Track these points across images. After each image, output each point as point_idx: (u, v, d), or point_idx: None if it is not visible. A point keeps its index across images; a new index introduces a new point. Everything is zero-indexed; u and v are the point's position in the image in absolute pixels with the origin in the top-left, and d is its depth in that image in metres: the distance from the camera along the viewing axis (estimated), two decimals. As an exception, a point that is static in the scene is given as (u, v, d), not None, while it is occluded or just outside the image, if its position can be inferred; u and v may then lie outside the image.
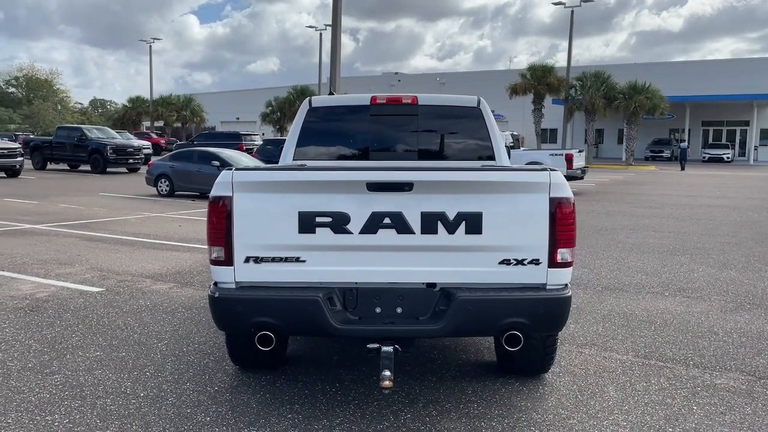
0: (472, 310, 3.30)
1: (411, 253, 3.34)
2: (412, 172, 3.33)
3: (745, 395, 4.05)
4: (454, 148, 5.18)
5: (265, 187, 3.33)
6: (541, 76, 39.68)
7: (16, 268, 7.57)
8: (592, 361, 4.63)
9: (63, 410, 3.65)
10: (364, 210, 3.28)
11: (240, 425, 3.49)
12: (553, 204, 3.30)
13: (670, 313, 5.97)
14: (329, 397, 3.90)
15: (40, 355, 4.57)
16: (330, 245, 3.32)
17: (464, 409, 3.75)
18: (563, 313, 3.40)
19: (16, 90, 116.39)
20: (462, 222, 3.29)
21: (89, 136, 26.76)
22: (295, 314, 3.30)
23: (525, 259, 3.34)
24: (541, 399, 3.94)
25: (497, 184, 3.31)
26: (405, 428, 3.50)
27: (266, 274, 3.36)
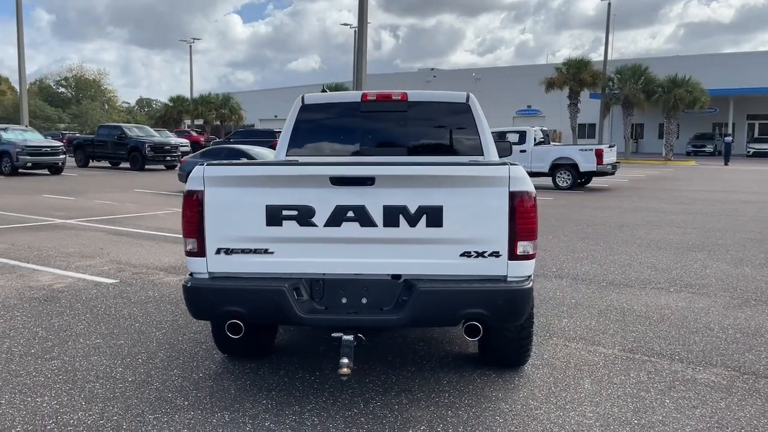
0: (431, 301, 3.38)
1: (374, 246, 3.44)
2: (374, 167, 3.44)
3: (723, 390, 4.03)
4: (443, 144, 5.25)
5: (235, 182, 3.48)
6: (577, 70, 39.11)
7: (41, 261, 7.93)
8: (576, 355, 4.66)
9: (53, 393, 3.87)
10: (329, 203, 3.40)
11: (215, 409, 3.66)
12: (512, 198, 3.36)
13: (669, 309, 5.93)
14: (307, 384, 4.04)
15: (43, 341, 4.83)
16: (296, 237, 3.45)
17: (435, 398, 3.84)
18: (523, 304, 3.46)
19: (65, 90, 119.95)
20: (423, 215, 3.38)
21: (129, 135, 27.55)
22: (262, 304, 3.44)
23: (485, 251, 3.41)
24: (513, 390, 4.00)
25: (457, 178, 3.39)
26: (372, 415, 3.61)
27: (237, 265, 3.51)
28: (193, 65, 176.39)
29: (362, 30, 17.60)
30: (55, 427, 3.42)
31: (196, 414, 3.59)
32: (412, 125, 5.22)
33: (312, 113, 5.30)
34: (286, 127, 5.31)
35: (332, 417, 3.58)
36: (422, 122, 5.24)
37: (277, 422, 3.50)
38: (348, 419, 3.55)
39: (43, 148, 23.63)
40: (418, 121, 5.23)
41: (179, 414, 3.59)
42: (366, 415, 3.60)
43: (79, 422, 3.48)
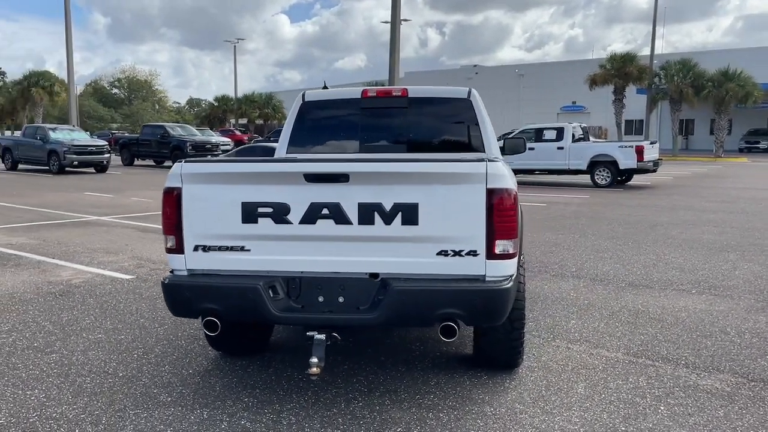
0: (405, 300, 3.31)
1: (350, 243, 3.39)
2: (348, 164, 3.38)
3: (724, 398, 3.84)
4: (443, 140, 5.15)
5: (211, 179, 3.48)
6: (622, 65, 38.13)
7: (66, 256, 8.14)
8: (576, 358, 4.51)
9: (44, 386, 3.95)
10: (303, 200, 3.36)
11: (195, 406, 3.67)
12: (490, 195, 3.26)
13: (686, 311, 5.70)
14: (292, 383, 4.02)
15: (48, 335, 4.94)
16: (272, 235, 3.42)
17: (419, 400, 3.77)
18: (500, 305, 3.35)
19: (118, 91, 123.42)
20: (398, 213, 3.31)
21: (171, 134, 28.14)
22: (237, 301, 3.43)
23: (462, 250, 3.32)
24: (502, 393, 3.89)
25: (432, 175, 3.30)
26: (351, 416, 3.56)
27: (214, 262, 3.51)
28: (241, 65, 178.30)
29: (395, 28, 17.52)
30: (38, 420, 3.48)
31: (176, 410, 3.61)
32: (412, 121, 5.14)
33: (313, 110, 5.28)
34: (287, 124, 5.31)
35: (310, 416, 3.54)
36: (423, 118, 5.15)
37: (253, 421, 3.48)
38: (325, 419, 3.51)
39: (89, 147, 24.34)
40: (418, 117, 5.14)
41: (160, 410, 3.61)
42: (344, 416, 3.56)
43: (61, 416, 3.53)
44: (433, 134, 5.17)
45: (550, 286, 6.66)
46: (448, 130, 5.17)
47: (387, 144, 5.10)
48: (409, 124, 5.14)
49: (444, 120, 5.15)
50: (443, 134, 5.18)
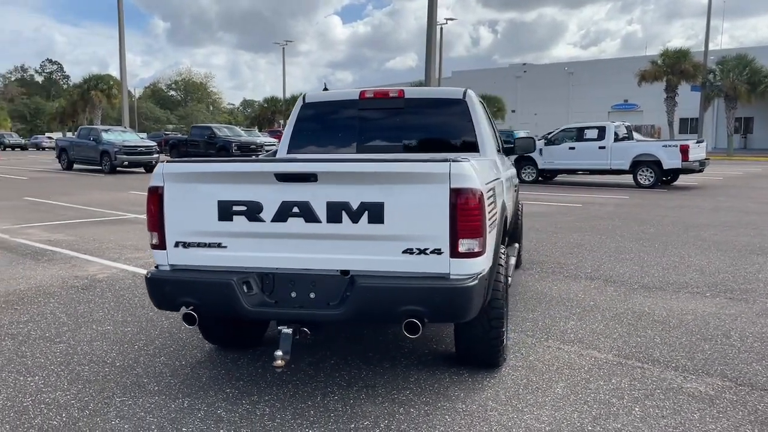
0: (370, 297, 3.39)
1: (320, 241, 3.49)
2: (316, 164, 3.49)
3: (705, 401, 3.79)
4: (439, 140, 5.20)
5: (190, 178, 3.64)
6: (675, 61, 37.06)
7: (97, 252, 8.51)
8: (564, 358, 4.50)
9: (44, 374, 4.19)
10: (275, 199, 3.48)
11: (179, 395, 3.84)
12: (453, 195, 3.31)
13: (693, 314, 5.59)
14: (276, 376, 4.15)
15: (61, 326, 5.22)
16: (246, 232, 3.56)
17: (394, 395, 3.85)
18: (463, 302, 3.39)
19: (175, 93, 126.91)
20: (365, 211, 3.39)
21: (218, 134, 28.86)
22: (212, 296, 3.58)
23: (427, 248, 3.38)
24: (479, 390, 3.93)
25: (397, 174, 3.37)
26: (323, 408, 3.67)
27: (193, 258, 3.67)
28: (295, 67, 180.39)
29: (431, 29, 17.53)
30: (31, 404, 3.71)
31: (159, 399, 3.79)
32: (408, 122, 5.21)
33: (312, 111, 5.40)
34: (287, 126, 5.45)
35: (284, 408, 3.66)
36: (418, 119, 5.21)
37: (229, 411, 3.63)
38: (297, 411, 3.63)
39: (139, 148, 25.21)
40: (414, 118, 5.20)
41: (145, 398, 3.80)
42: (317, 408, 3.66)
43: (53, 401, 3.75)
44: (428, 135, 5.23)
45: (559, 287, 6.62)
46: (444, 130, 5.22)
47: (383, 144, 5.18)
48: (405, 124, 5.21)
49: (439, 120, 5.20)
50: (438, 135, 5.22)
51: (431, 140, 5.19)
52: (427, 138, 5.21)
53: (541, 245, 9.21)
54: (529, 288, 6.58)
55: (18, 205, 14.30)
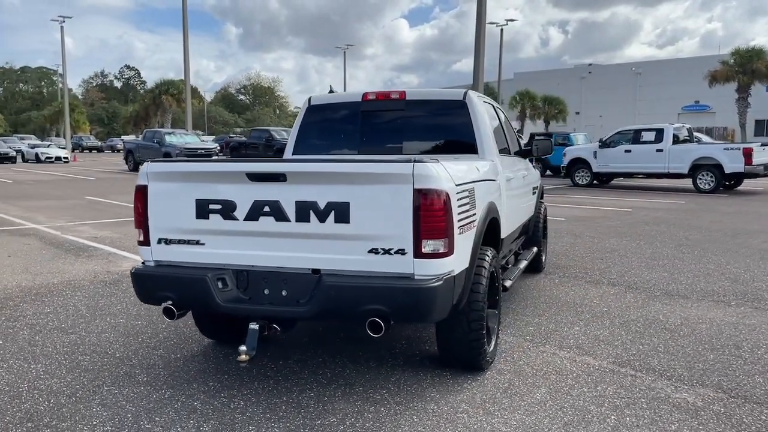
0: (334, 295, 3.44)
1: (290, 240, 3.56)
2: (285, 164, 3.56)
3: (689, 412, 3.64)
4: (438, 141, 5.18)
5: (171, 177, 3.78)
6: (746, 61, 35.39)
7: (135, 250, 8.86)
8: (555, 363, 4.42)
9: (48, 362, 4.43)
10: (247, 198, 3.58)
11: (163, 387, 3.98)
12: (417, 195, 3.32)
13: (708, 323, 5.37)
14: (261, 371, 4.24)
15: (78, 318, 5.49)
16: (221, 230, 3.67)
17: (371, 394, 3.87)
18: (426, 303, 3.38)
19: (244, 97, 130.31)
20: (331, 211, 3.44)
21: (275, 137, 29.47)
22: (188, 291, 3.70)
23: (392, 248, 3.39)
24: (456, 392, 3.90)
25: (362, 175, 3.41)
26: (296, 404, 3.73)
27: (174, 254, 3.81)
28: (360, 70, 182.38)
29: (480, 31, 17.37)
30: (26, 390, 3.93)
31: (144, 389, 3.94)
32: (409, 124, 5.22)
33: (318, 114, 5.49)
34: (294, 127, 5.56)
35: (258, 402, 3.75)
36: (419, 120, 5.21)
37: (205, 403, 3.74)
38: (270, 405, 3.71)
39: (199, 150, 26.10)
40: (415, 120, 5.21)
41: (130, 388, 3.96)
42: (289, 404, 3.73)
43: (46, 387, 3.97)
44: (428, 136, 5.22)
45: (576, 292, 6.48)
46: (443, 131, 5.20)
47: (384, 146, 5.21)
48: (406, 126, 5.22)
49: (439, 122, 5.19)
50: (438, 136, 5.21)
51: (431, 141, 5.19)
52: (427, 139, 5.21)
53: (572, 250, 9.01)
54: (545, 292, 6.47)
55: (78, 204, 15.06)
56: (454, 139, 5.10)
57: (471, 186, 3.85)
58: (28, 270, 7.53)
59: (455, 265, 3.55)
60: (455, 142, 5.09)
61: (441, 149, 5.12)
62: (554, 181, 23.41)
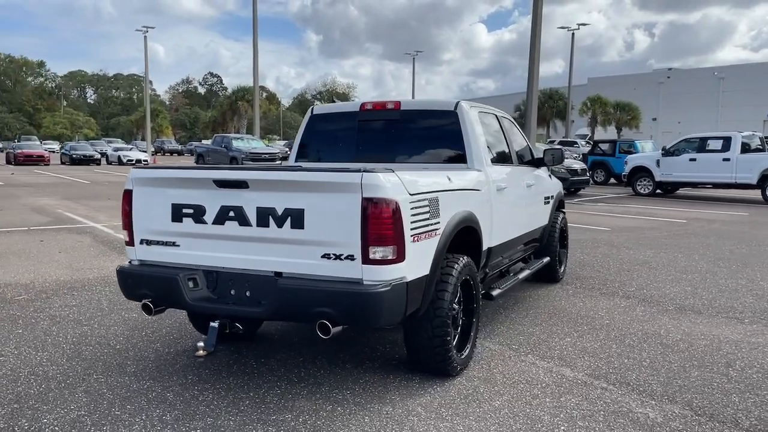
0: (286, 297, 3.62)
1: (252, 244, 3.77)
2: (246, 172, 3.77)
3: (645, 427, 3.61)
4: (429, 152, 5.27)
5: (151, 183, 4.06)
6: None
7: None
8: (529, 373, 4.43)
9: (54, 350, 4.81)
10: (215, 204, 3.81)
11: (145, 377, 4.26)
12: (365, 203, 3.45)
13: (710, 340, 5.22)
14: (239, 367, 4.46)
15: (96, 312, 5.89)
16: (193, 233, 3.92)
17: (334, 394, 4.01)
18: (372, 308, 3.50)
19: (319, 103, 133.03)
20: (288, 217, 3.63)
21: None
22: (162, 289, 3.97)
23: (342, 254, 3.54)
24: (416, 396, 3.99)
25: (315, 183, 3.57)
26: (260, 400, 3.91)
27: (154, 254, 4.09)
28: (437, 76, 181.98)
29: (535, 35, 17.15)
30: (24, 375, 4.30)
31: (128, 379, 4.23)
32: (403, 133, 5.34)
33: (319, 123, 5.70)
34: (297, 136, 5.80)
35: (226, 396, 3.97)
36: (412, 130, 5.32)
37: (178, 394, 3.99)
38: (236, 400, 3.91)
39: (263, 155, 26.95)
40: (408, 129, 5.33)
41: (116, 377, 4.26)
42: (254, 399, 3.93)
43: (43, 373, 4.33)
44: (420, 145, 5.32)
45: (585, 303, 6.41)
46: (435, 141, 5.29)
47: (378, 155, 5.35)
48: (400, 135, 5.35)
49: (431, 131, 5.28)
50: (430, 145, 5.30)
51: (423, 151, 5.29)
52: (420, 148, 5.31)
53: (602, 261, 8.85)
54: (551, 302, 6.43)
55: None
56: (445, 149, 5.19)
57: (433, 195, 3.94)
58: (72, 266, 8.09)
59: (407, 271, 3.65)
60: (446, 152, 5.18)
61: (432, 158, 5.22)
62: (615, 190, 22.79)
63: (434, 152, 5.25)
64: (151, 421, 3.60)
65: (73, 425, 3.55)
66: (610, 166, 25.28)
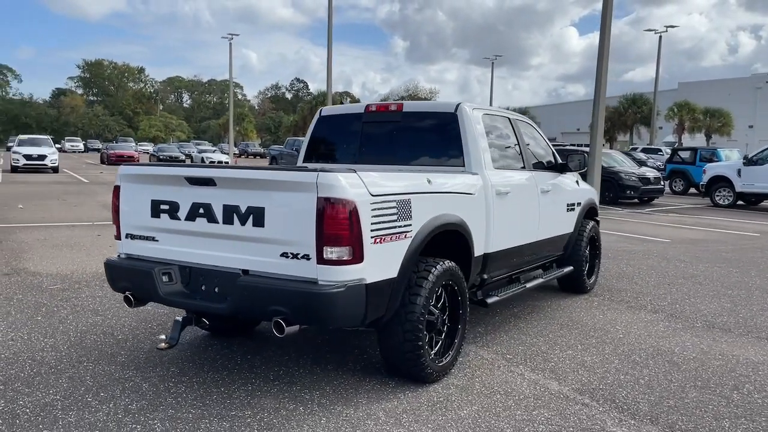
0: (245, 295, 3.64)
1: (220, 241, 3.82)
2: (213, 170, 3.83)
3: (610, 447, 3.41)
4: (428, 153, 5.17)
5: (135, 179, 4.20)
6: None
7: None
8: (511, 383, 4.27)
9: (59, 337, 5.04)
10: (188, 200, 3.90)
11: (131, 367, 4.39)
12: (320, 203, 3.44)
13: (726, 360, 4.88)
14: (223, 362, 4.53)
15: (114, 303, 6.13)
16: (169, 228, 4.02)
17: (302, 394, 4.00)
18: (324, 308, 3.46)
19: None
20: (250, 215, 3.66)
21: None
22: (138, 282, 4.09)
23: (299, 253, 3.54)
24: (382, 401, 3.93)
25: (275, 182, 3.59)
26: (228, 396, 3.95)
27: (137, 249, 4.23)
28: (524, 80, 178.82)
29: (604, 37, 16.49)
30: (24, 358, 4.53)
31: (114, 368, 4.38)
32: (404, 135, 5.27)
33: (326, 124, 5.73)
34: (306, 136, 5.84)
35: (197, 390, 4.03)
36: (413, 132, 5.24)
37: (153, 385, 4.09)
38: (205, 394, 3.97)
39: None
40: (409, 131, 5.25)
41: (103, 366, 4.41)
42: (221, 394, 3.98)
43: (40, 359, 4.54)
44: (420, 147, 5.23)
45: (606, 316, 6.12)
46: (434, 143, 5.18)
47: (379, 156, 5.32)
48: (401, 137, 5.29)
49: (431, 133, 5.18)
50: (430, 147, 5.20)
51: (423, 152, 5.21)
52: (420, 150, 5.23)
53: (644, 273, 8.43)
54: (567, 313, 6.17)
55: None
56: (444, 151, 5.09)
57: (403, 197, 3.87)
58: (114, 259, 8.48)
59: (367, 273, 3.60)
60: (445, 154, 5.07)
61: (431, 160, 5.13)
62: (693, 201, 21.65)
63: (434, 154, 5.16)
64: (117, 409, 3.72)
65: (43, 408, 3.71)
66: (689, 175, 24.06)
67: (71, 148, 66.87)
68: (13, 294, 6.42)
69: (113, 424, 3.53)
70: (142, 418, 3.62)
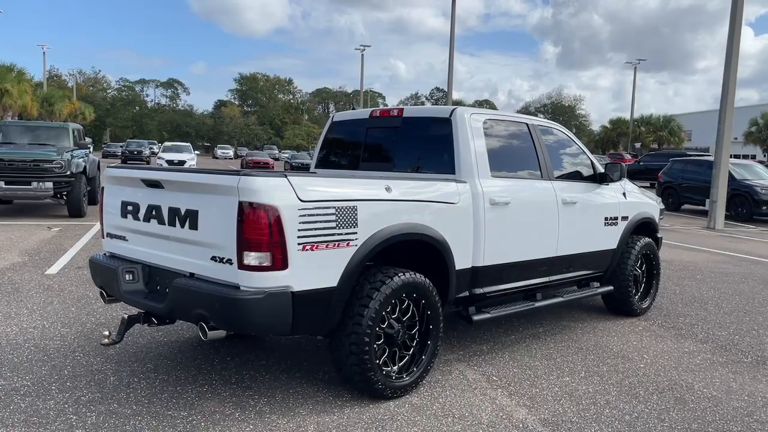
0: (176, 297, 3.67)
1: (167, 242, 3.89)
2: (159, 173, 3.90)
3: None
4: (425, 159, 4.92)
5: (112, 181, 4.38)
6: None
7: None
8: (473, 408, 3.96)
9: (58, 326, 5.32)
10: (145, 202, 4.01)
11: (113, 360, 4.57)
12: (241, 207, 3.39)
13: (752, 401, 4.24)
14: (206, 365, 4.59)
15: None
16: (134, 229, 4.16)
17: (251, 400, 3.96)
18: (241, 314, 3.39)
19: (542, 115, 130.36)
20: (188, 218, 3.69)
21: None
22: (105, 280, 4.26)
23: (224, 257, 3.51)
24: (329, 413, 3.79)
25: (202, 185, 3.59)
26: (179, 397, 4.02)
27: (114, 247, 4.41)
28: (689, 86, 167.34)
29: (734, 34, 14.90)
30: (21, 342, 4.85)
31: (97, 360, 4.58)
32: (403, 140, 5.09)
33: (336, 130, 5.68)
34: (318, 143, 5.83)
35: (149, 387, 4.11)
36: (411, 137, 5.04)
37: (122, 379, 4.24)
38: (157, 392, 4.03)
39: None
40: (408, 136, 5.06)
41: (90, 357, 4.62)
42: (172, 393, 4.02)
43: (36, 345, 4.84)
44: (416, 152, 5.00)
45: (640, 343, 5.53)
46: (429, 148, 4.94)
47: (379, 162, 5.17)
48: (399, 142, 5.11)
49: (426, 139, 4.95)
50: (426, 153, 4.96)
51: (419, 158, 4.99)
52: (416, 156, 5.01)
53: (724, 298, 7.55)
54: (595, 337, 5.65)
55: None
56: (438, 157, 4.84)
57: (346, 204, 3.71)
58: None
59: (293, 281, 3.50)
60: (440, 160, 4.83)
61: (425, 164, 4.92)
62: None
63: (429, 160, 4.94)
64: (69, 399, 3.89)
65: (8, 394, 3.96)
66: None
67: (222, 154, 71.76)
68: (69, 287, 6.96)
69: (53, 413, 3.69)
70: (83, 409, 3.75)
